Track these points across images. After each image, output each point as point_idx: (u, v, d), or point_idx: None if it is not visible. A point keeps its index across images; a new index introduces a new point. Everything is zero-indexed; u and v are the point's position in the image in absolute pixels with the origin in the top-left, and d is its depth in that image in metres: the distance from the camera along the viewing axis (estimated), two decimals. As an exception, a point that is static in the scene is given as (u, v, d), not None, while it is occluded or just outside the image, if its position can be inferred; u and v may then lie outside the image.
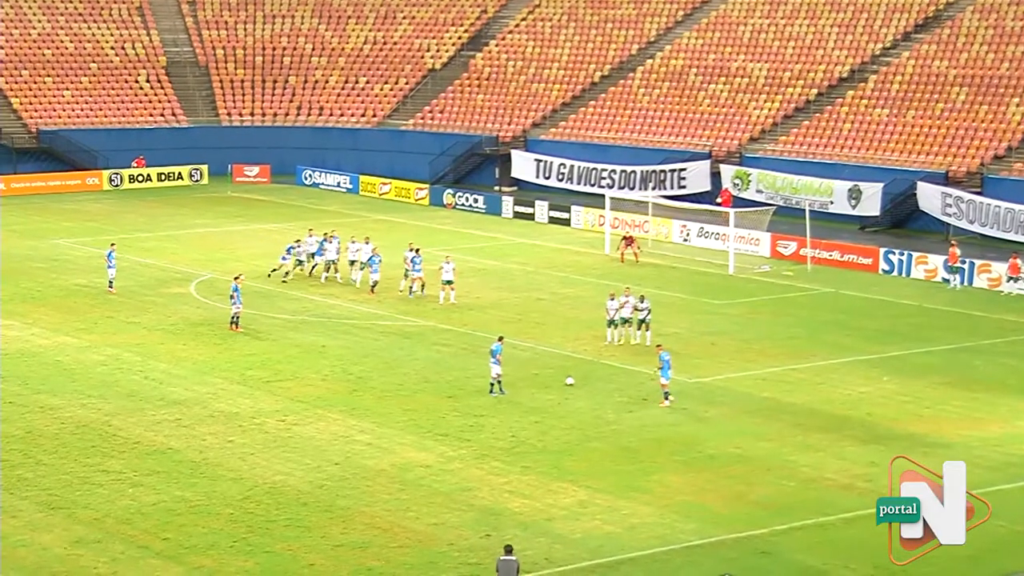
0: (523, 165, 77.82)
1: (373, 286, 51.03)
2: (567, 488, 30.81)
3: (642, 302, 43.79)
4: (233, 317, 45.14)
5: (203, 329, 45.86)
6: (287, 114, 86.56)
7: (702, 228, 62.90)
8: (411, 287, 50.80)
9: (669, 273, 55.44)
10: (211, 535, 28.10)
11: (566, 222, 67.72)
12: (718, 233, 61.44)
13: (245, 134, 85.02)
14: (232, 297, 45.22)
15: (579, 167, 75.07)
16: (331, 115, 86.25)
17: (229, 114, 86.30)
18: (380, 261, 51.65)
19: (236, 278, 45.96)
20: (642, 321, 43.63)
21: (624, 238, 58.24)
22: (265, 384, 39.38)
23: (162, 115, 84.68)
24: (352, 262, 53.05)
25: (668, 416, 36.42)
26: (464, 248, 59.16)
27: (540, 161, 76.98)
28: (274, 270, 53.84)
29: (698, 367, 41.50)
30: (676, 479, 31.60)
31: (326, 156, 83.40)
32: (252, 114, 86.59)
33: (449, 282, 49.51)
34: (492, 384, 37.86)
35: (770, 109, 73.60)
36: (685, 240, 63.24)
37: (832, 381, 40.18)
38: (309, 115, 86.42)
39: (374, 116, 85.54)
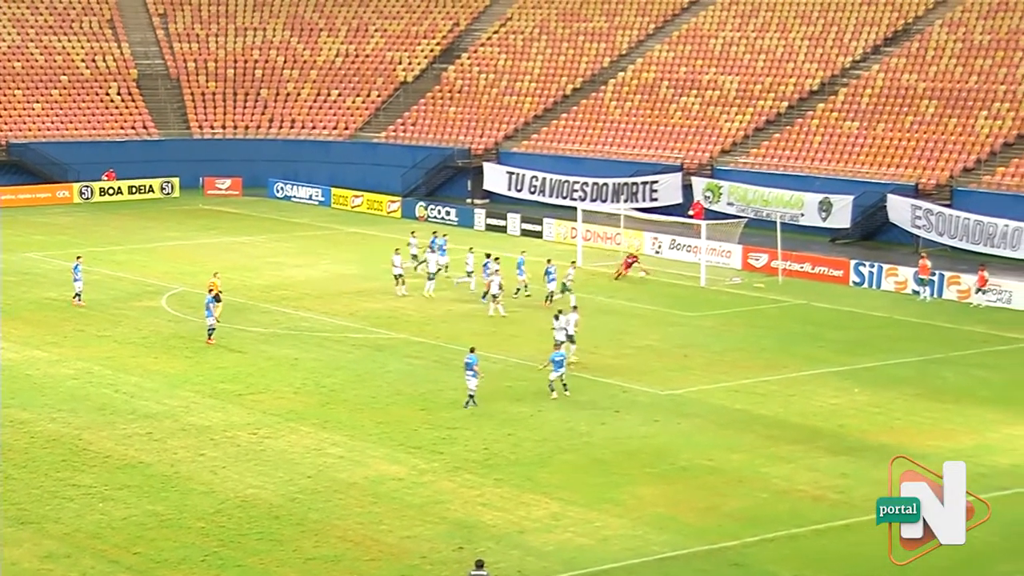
0: (495, 178, 77.84)
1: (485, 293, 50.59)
2: (540, 500, 30.78)
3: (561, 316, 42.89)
4: (210, 330, 45.04)
5: (175, 342, 45.68)
6: (259, 127, 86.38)
7: (674, 240, 63.01)
8: (522, 288, 52.22)
9: (641, 285, 55.51)
10: (182, 549, 27.95)
11: (538, 234, 67.75)
12: (690, 245, 61.55)
13: (216, 147, 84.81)
14: (207, 308, 45.22)
15: (551, 179, 75.12)
16: (303, 128, 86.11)
17: (200, 127, 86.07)
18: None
19: (209, 291, 45.95)
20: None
21: (628, 256, 57.54)
22: (237, 397, 39.24)
23: (133, 128, 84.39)
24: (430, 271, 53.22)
25: (640, 428, 36.44)
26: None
27: (512, 174, 77.00)
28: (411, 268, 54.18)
29: (670, 379, 41.54)
30: (649, 491, 31.60)
31: (298, 169, 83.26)
32: (224, 127, 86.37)
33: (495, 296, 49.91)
34: (469, 396, 37.76)
35: (741, 122, 73.85)
36: (657, 252, 63.33)
37: (804, 393, 40.27)
38: (281, 128, 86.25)
39: (346, 129, 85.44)
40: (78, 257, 52.77)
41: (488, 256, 52.69)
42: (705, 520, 29.89)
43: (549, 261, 53.10)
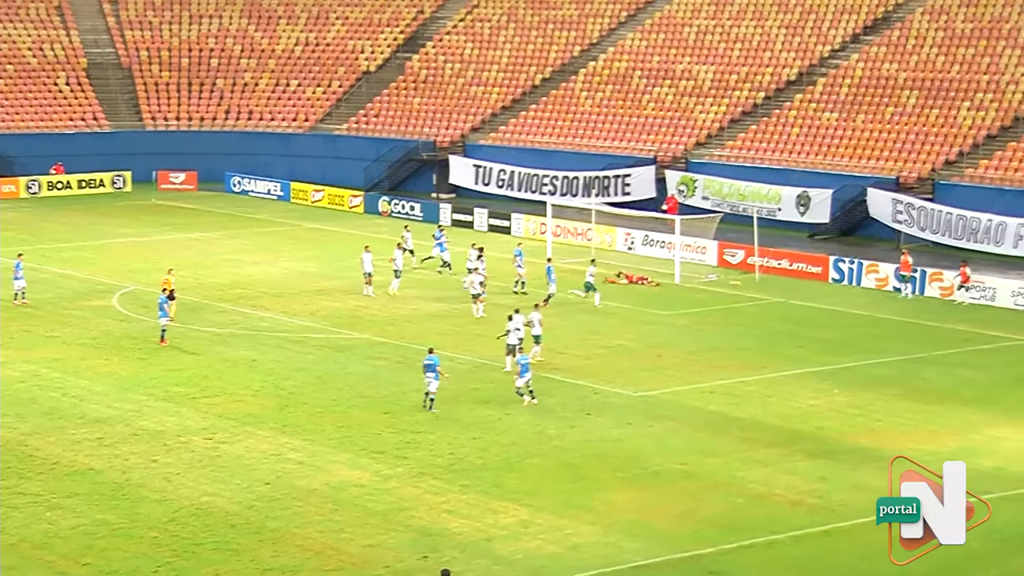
0: (461, 171, 77.77)
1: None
2: (508, 507, 30.74)
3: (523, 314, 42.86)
4: (165, 329, 44.86)
5: (126, 343, 45.43)
6: (215, 118, 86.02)
7: (647, 236, 63.10)
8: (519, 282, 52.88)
9: (613, 283, 55.49)
10: (134, 560, 27.76)
11: (506, 230, 67.71)
12: (663, 241, 61.65)
13: (170, 139, 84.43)
14: (160, 308, 44.97)
15: (520, 173, 75.09)
16: (261, 119, 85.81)
17: (154, 118, 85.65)
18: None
19: (164, 291, 45.74)
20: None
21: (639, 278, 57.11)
22: (192, 400, 39.06)
23: (83, 119, 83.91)
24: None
25: (612, 431, 36.44)
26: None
27: (479, 167, 76.95)
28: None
29: (644, 380, 41.55)
30: (621, 497, 31.60)
31: (256, 162, 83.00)
32: (178, 118, 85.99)
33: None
34: (430, 399, 37.71)
35: (716, 113, 73.99)
36: (630, 249, 63.40)
37: (782, 394, 40.36)
38: (238, 119, 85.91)
39: (306, 120, 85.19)
40: (19, 255, 52.37)
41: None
42: (680, 527, 29.89)
43: (549, 260, 53.20)
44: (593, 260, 54.58)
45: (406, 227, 60.88)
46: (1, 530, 29.23)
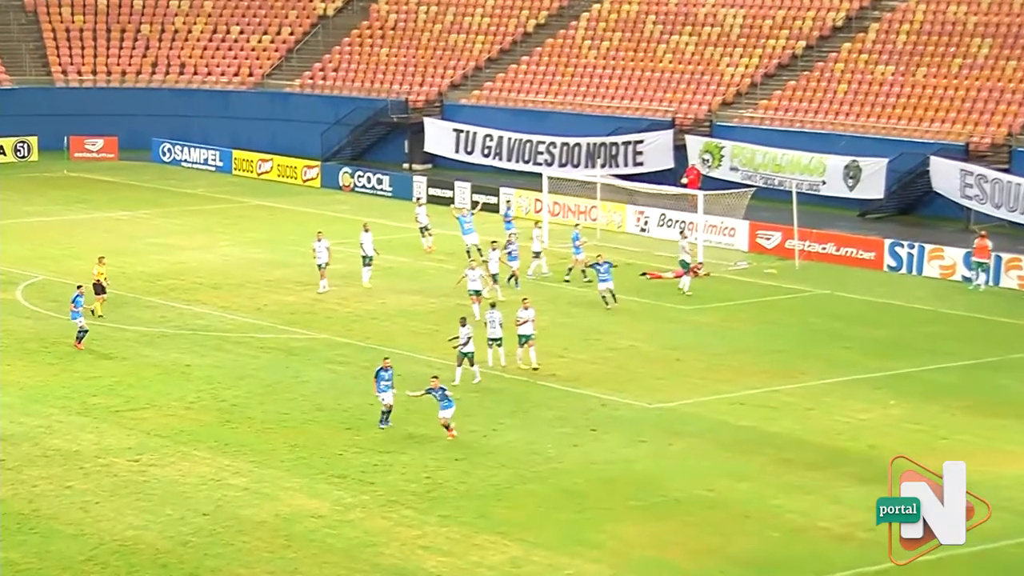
0: (439, 137, 77.77)
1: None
2: (496, 542, 30.80)
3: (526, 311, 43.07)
4: (79, 333, 44.81)
5: (33, 345, 45.44)
6: (139, 72, 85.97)
7: (663, 215, 63.14)
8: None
9: (623, 271, 55.54)
10: (45, 607, 27.85)
11: (494, 208, 67.71)
12: (684, 221, 61.68)
13: (85, 98, 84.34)
14: (77, 308, 44.80)
15: (509, 139, 75.11)
16: (195, 74, 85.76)
17: (65, 72, 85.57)
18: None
19: (79, 287, 45.56)
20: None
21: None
22: (114, 414, 39.08)
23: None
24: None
25: (623, 450, 36.55)
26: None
27: (460, 132, 76.96)
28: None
29: (660, 389, 41.63)
30: (633, 530, 31.69)
31: (190, 126, 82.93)
32: (94, 72, 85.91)
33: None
34: (384, 414, 37.68)
35: (747, 67, 74.10)
36: (643, 230, 63.49)
37: (826, 405, 40.48)
38: (168, 74, 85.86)
39: (250, 75, 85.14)
40: None
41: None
42: (704, 566, 29.99)
43: (577, 226, 54.30)
44: (682, 231, 55.94)
45: (418, 199, 61.12)
46: None
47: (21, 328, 47.50)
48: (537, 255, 55.16)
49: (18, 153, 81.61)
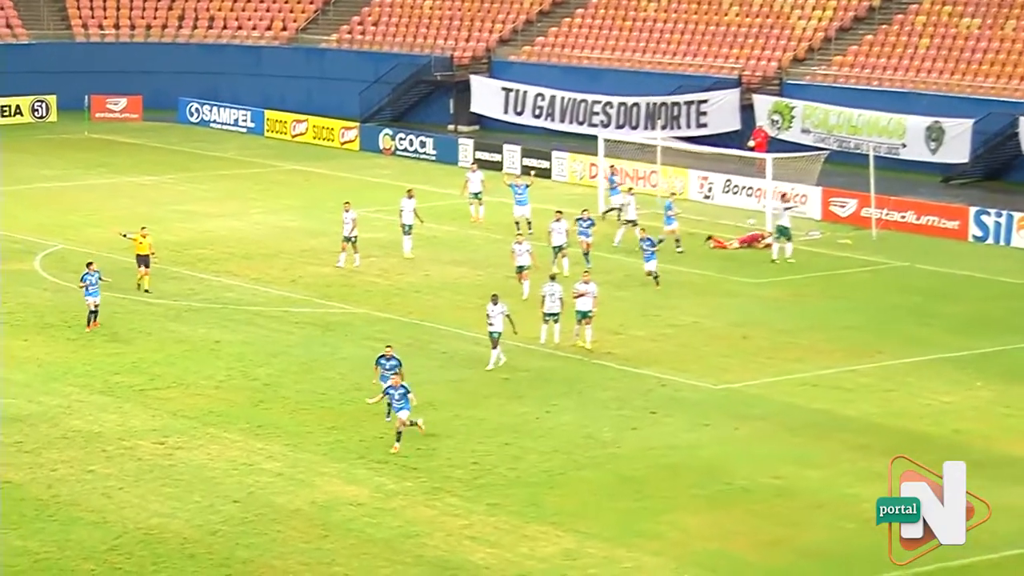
0: (486, 96, 77.71)
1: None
2: (548, 533, 30.81)
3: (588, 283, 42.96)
4: (94, 311, 44.68)
5: (53, 319, 45.67)
6: (165, 26, 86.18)
7: (728, 181, 63.04)
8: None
9: (685, 242, 55.44)
10: (65, 599, 28.04)
11: (545, 173, 67.64)
12: (750, 187, 61.54)
13: (107, 54, 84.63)
14: (89, 286, 44.49)
15: (562, 99, 75.01)
16: (225, 28, 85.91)
17: (85, 26, 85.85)
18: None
19: (88, 265, 45.15)
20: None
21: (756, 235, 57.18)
22: (138, 394, 39.25)
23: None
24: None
25: (685, 435, 36.51)
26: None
27: (509, 91, 76.89)
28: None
29: (725, 368, 41.58)
30: (696, 520, 31.67)
31: (219, 84, 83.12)
32: (117, 26, 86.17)
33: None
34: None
35: (820, 20, 73.76)
36: (706, 197, 63.38)
37: (905, 387, 40.33)
38: (195, 28, 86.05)
39: (284, 30, 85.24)
40: None
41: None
42: (771, 558, 29.95)
43: (673, 194, 54.66)
44: (784, 195, 55.52)
45: (473, 165, 61.24)
46: None
47: (39, 301, 47.74)
48: (632, 223, 54.97)
49: (36, 113, 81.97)
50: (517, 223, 55.69)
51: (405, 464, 34.51)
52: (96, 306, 44.53)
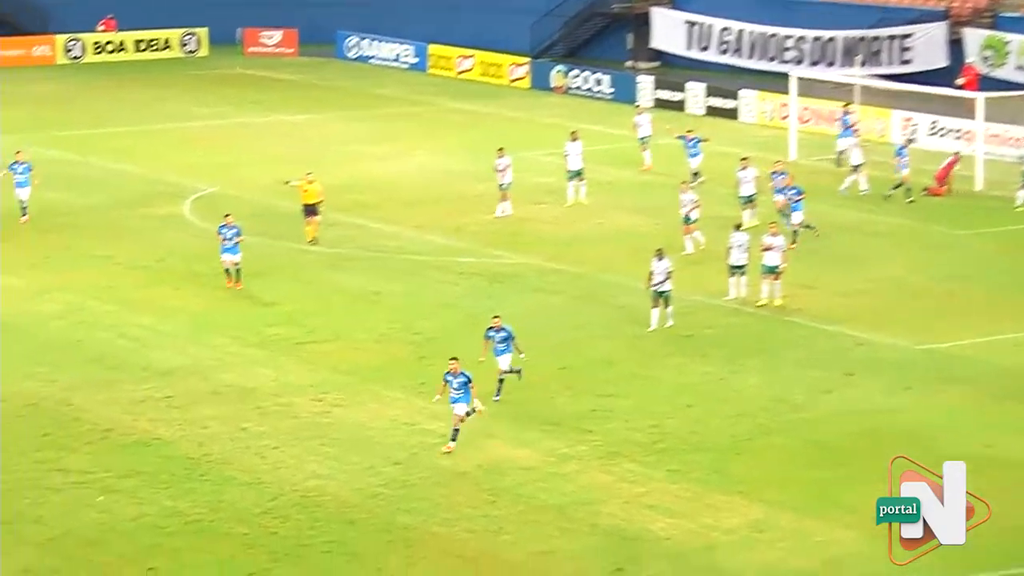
0: (668, 30, 77.50)
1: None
2: (733, 502, 30.80)
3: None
4: (230, 269, 44.00)
5: (202, 267, 46.21)
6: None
7: (935, 123, 62.38)
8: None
9: (885, 188, 54.94)
10: (216, 566, 28.35)
11: (732, 113, 67.33)
12: (959, 130, 60.86)
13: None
14: (226, 241, 43.91)
15: (751, 33, 74.61)
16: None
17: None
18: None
19: (226, 216, 44.76)
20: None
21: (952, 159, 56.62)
22: (294, 347, 39.67)
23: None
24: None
25: (884, 399, 36.24)
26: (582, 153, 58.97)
27: (693, 24, 76.63)
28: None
29: (929, 327, 41.20)
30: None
31: (380, 16, 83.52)
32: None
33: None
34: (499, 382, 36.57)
35: (1039, -56, 72.55)
36: (910, 141, 62.61)
37: None
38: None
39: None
40: (17, 152, 51.42)
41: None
42: (976, 535, 29.38)
43: (910, 141, 54.92)
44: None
45: (638, 106, 61.20)
46: (38, 519, 30.10)
47: (190, 247, 48.34)
48: (856, 168, 54.82)
49: (185, 47, 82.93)
50: (697, 173, 55.05)
51: (578, 427, 34.58)
52: (235, 265, 43.98)
